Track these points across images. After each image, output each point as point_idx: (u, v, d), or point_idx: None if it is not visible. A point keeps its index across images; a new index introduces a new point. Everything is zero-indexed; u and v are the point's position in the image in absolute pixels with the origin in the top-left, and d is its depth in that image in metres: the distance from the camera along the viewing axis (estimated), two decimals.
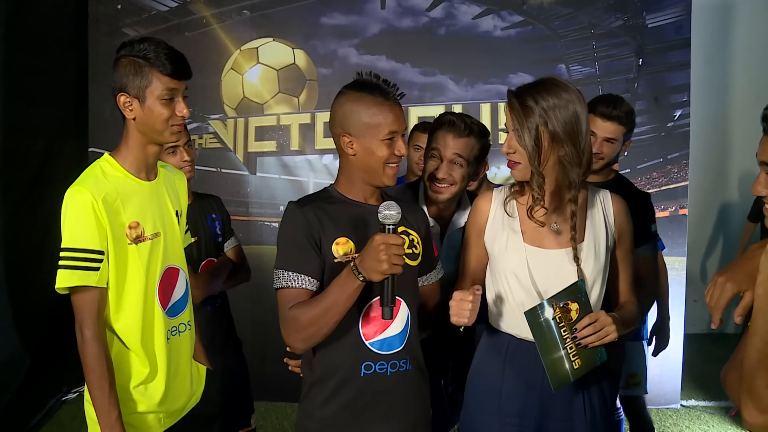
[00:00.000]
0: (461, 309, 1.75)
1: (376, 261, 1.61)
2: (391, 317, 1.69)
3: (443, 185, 2.33)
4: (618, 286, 2.01)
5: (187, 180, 2.56)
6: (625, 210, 1.98)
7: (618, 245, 1.97)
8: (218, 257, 2.70)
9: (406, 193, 2.45)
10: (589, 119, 2.46)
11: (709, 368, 4.80)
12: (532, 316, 1.77)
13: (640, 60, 4.35)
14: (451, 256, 2.40)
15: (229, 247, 2.76)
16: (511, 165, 1.89)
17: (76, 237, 1.77)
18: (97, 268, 1.79)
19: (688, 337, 4.50)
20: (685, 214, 4.36)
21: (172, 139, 1.91)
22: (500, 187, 2.03)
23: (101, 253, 1.79)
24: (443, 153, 2.32)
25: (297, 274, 1.75)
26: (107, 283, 1.82)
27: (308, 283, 1.75)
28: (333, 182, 1.93)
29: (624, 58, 4.37)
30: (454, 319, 1.76)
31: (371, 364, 1.81)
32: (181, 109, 1.86)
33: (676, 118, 4.36)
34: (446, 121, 2.34)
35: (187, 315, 2.04)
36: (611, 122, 2.48)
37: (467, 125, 2.32)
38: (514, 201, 1.95)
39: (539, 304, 1.78)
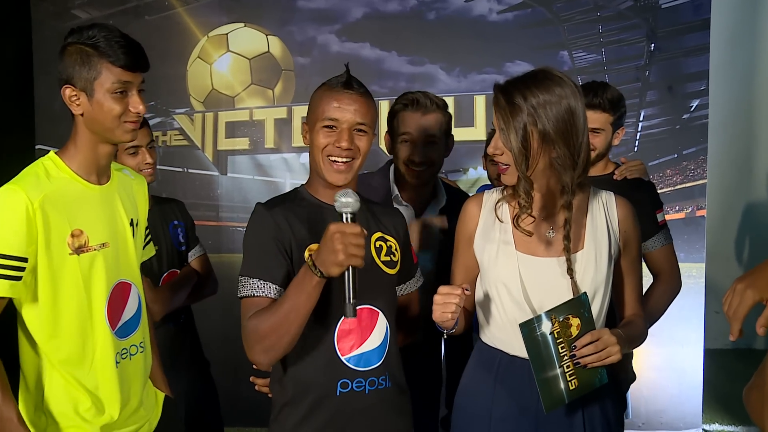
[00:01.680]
0: (446, 304, 1.77)
1: (331, 252, 1.63)
2: (354, 315, 1.70)
3: (422, 168, 2.44)
4: (623, 299, 2.04)
5: (149, 184, 2.61)
6: (632, 214, 2.01)
7: (623, 254, 2.00)
8: (182, 268, 2.74)
9: (373, 182, 2.53)
10: None
11: (735, 388, 4.79)
12: (528, 329, 1.79)
13: (653, 45, 4.38)
14: (429, 245, 2.50)
15: (193, 256, 2.80)
16: (502, 169, 1.92)
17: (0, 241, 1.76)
18: (19, 278, 1.77)
19: (709, 353, 4.54)
20: (703, 216, 4.38)
21: (126, 138, 1.89)
22: (491, 190, 2.06)
23: (25, 260, 1.77)
24: (415, 135, 2.42)
25: (263, 282, 1.79)
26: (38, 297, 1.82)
27: (274, 291, 1.79)
28: (305, 183, 2.00)
29: (634, 42, 4.40)
30: (436, 316, 1.80)
31: (348, 381, 1.85)
32: (136, 104, 1.85)
33: (692, 109, 4.39)
34: (409, 102, 2.45)
35: (139, 335, 2.03)
36: (593, 111, 2.56)
37: (432, 100, 2.46)
38: (506, 205, 1.98)
39: (536, 317, 1.80)
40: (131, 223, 2.02)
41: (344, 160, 1.86)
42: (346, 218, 1.68)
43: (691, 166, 4.39)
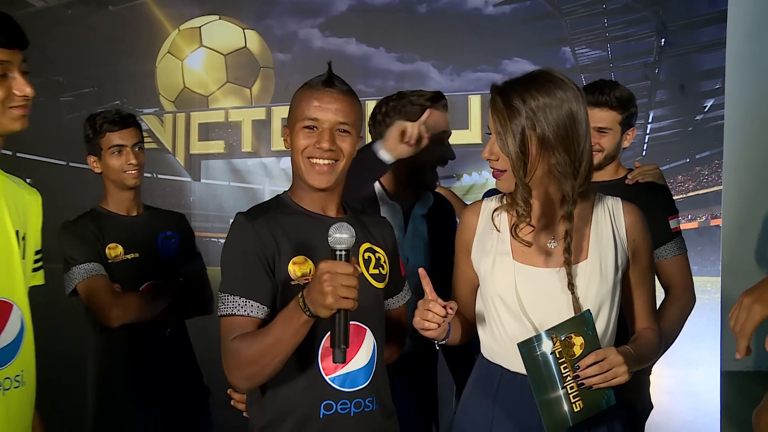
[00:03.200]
0: (423, 319, 1.85)
1: (319, 293, 1.67)
2: (344, 361, 1.74)
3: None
4: (635, 312, 2.10)
5: (134, 187, 2.73)
6: (641, 221, 2.06)
7: (633, 264, 2.05)
8: (167, 280, 2.83)
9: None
10: None
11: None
12: (527, 348, 1.85)
13: (663, 39, 4.44)
14: (418, 245, 2.61)
15: (187, 271, 2.90)
16: (497, 174, 1.99)
17: None
18: None
19: (726, 376, 4.54)
20: (718, 225, 4.44)
21: (15, 126, 1.83)
22: (490, 197, 2.13)
23: None
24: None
25: (244, 300, 1.85)
26: None
27: (257, 310, 1.85)
28: (287, 189, 2.05)
29: (642, 37, 4.47)
30: (416, 322, 1.87)
31: (332, 403, 1.91)
32: (21, 86, 1.78)
33: (706, 109, 4.46)
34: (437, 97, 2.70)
35: (17, 367, 1.88)
36: (600, 108, 2.66)
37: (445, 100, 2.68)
38: (505, 213, 2.04)
39: (536, 336, 1.86)
40: (17, 235, 1.92)
41: (326, 161, 1.92)
42: (339, 256, 1.72)
43: (705, 172, 4.45)
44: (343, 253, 1.71)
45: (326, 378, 1.91)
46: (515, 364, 1.94)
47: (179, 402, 2.85)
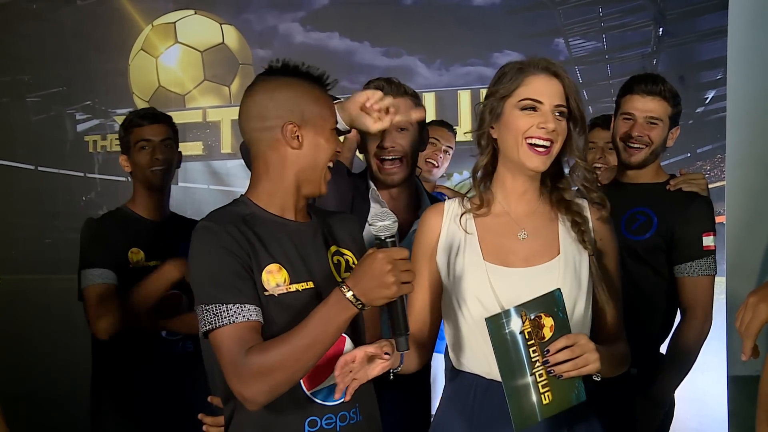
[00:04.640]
0: (345, 383, 1.80)
1: (381, 284, 1.71)
2: (407, 348, 1.81)
3: (393, 157, 2.58)
4: (600, 321, 2.08)
5: (159, 187, 2.82)
6: (608, 222, 2.11)
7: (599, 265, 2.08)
8: (188, 291, 2.87)
9: (343, 184, 2.61)
10: (627, 100, 2.72)
11: None
12: (495, 325, 1.83)
13: (661, 29, 4.48)
14: None
15: None
16: (542, 152, 1.98)
17: None
18: None
19: (734, 381, 4.52)
20: (722, 223, 4.41)
21: None
22: (452, 199, 2.15)
23: None
24: None
25: (240, 306, 1.79)
26: None
27: (255, 313, 1.81)
28: (245, 192, 2.01)
29: (639, 27, 4.50)
30: (339, 389, 1.81)
31: (316, 419, 1.91)
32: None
33: (708, 101, 4.50)
34: (379, 86, 2.57)
35: None
36: (653, 97, 2.68)
37: (398, 86, 2.61)
38: (472, 216, 2.07)
39: (505, 311, 1.83)
40: None
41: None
42: (388, 243, 1.76)
43: (707, 167, 4.49)
44: (391, 240, 1.76)
45: (308, 393, 1.91)
46: (492, 371, 1.93)
47: (187, 419, 2.87)
